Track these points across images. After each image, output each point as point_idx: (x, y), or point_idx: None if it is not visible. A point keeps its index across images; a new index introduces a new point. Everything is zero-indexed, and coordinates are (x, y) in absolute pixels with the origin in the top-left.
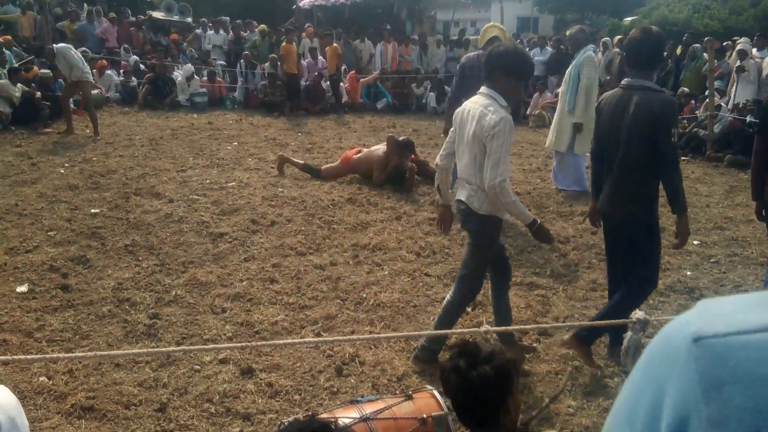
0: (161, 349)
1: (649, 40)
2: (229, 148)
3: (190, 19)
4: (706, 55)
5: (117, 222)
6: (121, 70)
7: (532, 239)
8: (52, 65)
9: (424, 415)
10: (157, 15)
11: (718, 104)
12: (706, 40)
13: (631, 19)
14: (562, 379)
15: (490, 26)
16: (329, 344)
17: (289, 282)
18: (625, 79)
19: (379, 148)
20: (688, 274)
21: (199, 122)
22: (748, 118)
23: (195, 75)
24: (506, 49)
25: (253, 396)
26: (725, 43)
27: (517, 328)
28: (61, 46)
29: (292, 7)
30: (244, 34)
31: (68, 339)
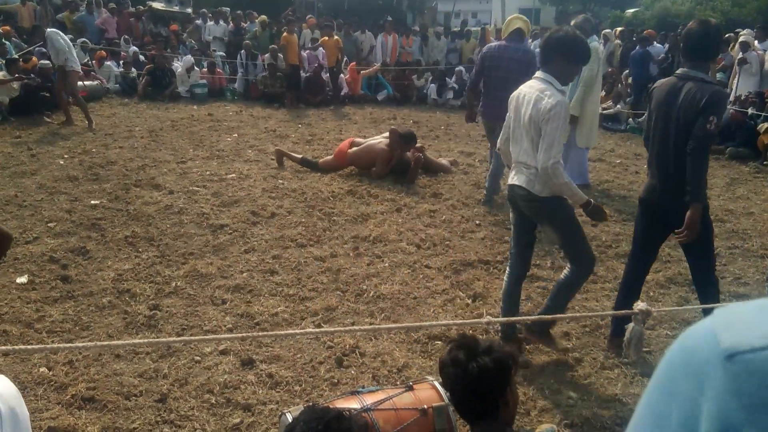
0: (162, 339)
1: (707, 33)
2: (229, 139)
3: (190, 10)
4: None
5: (117, 213)
6: (121, 61)
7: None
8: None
9: (425, 406)
10: (157, 6)
11: None
12: None
13: (633, 10)
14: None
15: (514, 18)
16: (329, 335)
17: (290, 274)
18: (681, 69)
19: (380, 141)
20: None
21: (199, 113)
22: (750, 111)
23: (195, 66)
24: (565, 34)
25: (253, 387)
26: (727, 35)
27: (518, 318)
28: (50, 30)
29: None
30: (245, 25)
31: (68, 330)
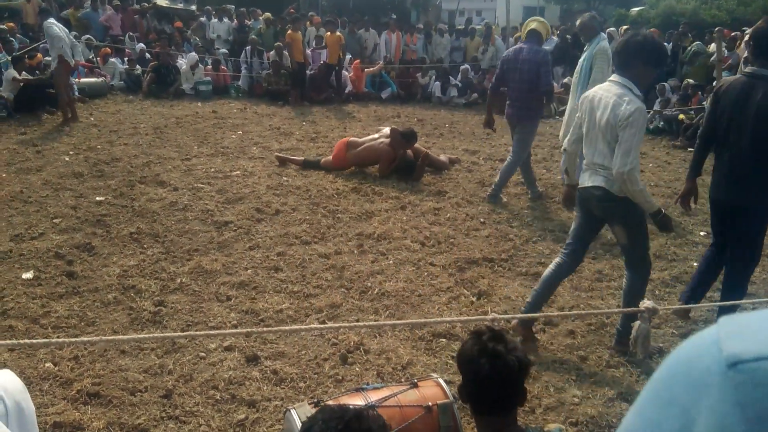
0: (167, 335)
1: None
2: (233, 136)
3: (194, 7)
4: (713, 46)
5: (122, 210)
6: (126, 58)
7: (539, 230)
8: None
9: (430, 403)
10: (162, 3)
11: None
12: (717, 29)
13: (638, 9)
14: None
15: (532, 20)
16: (334, 332)
17: (294, 270)
18: (750, 67)
19: (381, 141)
20: (695, 264)
21: (203, 111)
22: None
23: (199, 63)
24: (645, 39)
25: (258, 383)
26: (733, 34)
27: (524, 316)
28: (47, 21)
29: None
30: (249, 23)
31: (74, 326)
